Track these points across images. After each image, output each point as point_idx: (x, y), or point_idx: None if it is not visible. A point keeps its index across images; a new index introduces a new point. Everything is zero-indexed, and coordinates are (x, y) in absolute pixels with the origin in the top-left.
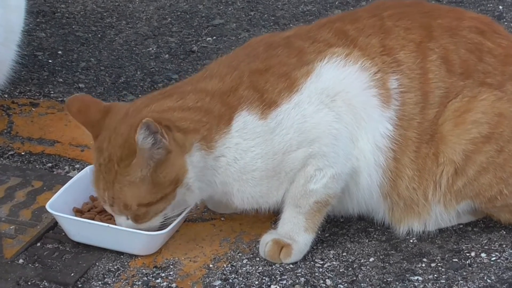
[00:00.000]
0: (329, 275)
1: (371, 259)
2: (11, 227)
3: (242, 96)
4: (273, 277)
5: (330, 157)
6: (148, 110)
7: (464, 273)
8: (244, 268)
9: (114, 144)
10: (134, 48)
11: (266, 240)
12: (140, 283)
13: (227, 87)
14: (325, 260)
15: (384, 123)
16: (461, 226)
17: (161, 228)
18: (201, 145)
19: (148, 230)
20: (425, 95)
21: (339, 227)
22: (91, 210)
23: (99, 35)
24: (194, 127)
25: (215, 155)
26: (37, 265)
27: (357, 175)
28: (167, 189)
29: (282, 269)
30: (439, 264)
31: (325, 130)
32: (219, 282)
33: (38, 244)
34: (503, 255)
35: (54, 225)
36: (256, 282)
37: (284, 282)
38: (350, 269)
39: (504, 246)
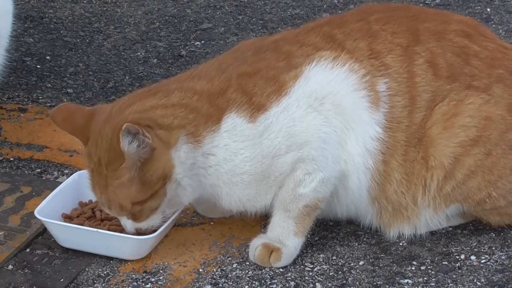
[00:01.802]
0: (319, 278)
1: (361, 263)
2: (0, 233)
3: (230, 98)
4: (263, 281)
5: (319, 161)
6: (130, 111)
7: (454, 276)
8: (234, 273)
9: (101, 148)
10: (122, 53)
11: (256, 244)
12: None
13: (215, 89)
14: (315, 263)
15: (374, 125)
16: (451, 228)
17: (150, 232)
18: (188, 138)
19: (149, 229)
20: (412, 99)
21: (328, 231)
22: (80, 216)
23: (87, 40)
24: (178, 123)
25: (203, 151)
26: (26, 271)
27: (346, 179)
28: (156, 186)
29: (272, 273)
30: (429, 267)
31: (314, 134)
32: (209, 286)
33: (27, 250)
34: (493, 257)
35: (43, 231)
36: (246, 287)
37: (274, 286)
38: (340, 272)
39: (493, 248)
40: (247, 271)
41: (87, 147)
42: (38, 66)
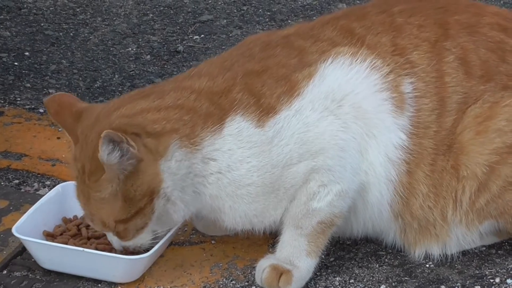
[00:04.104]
0: None
1: (382, 287)
2: None
3: (235, 99)
4: None
5: (336, 172)
6: (117, 115)
7: None
8: None
9: (85, 155)
10: (111, 48)
11: (263, 266)
12: None
13: (218, 87)
14: None
15: (397, 131)
16: (484, 248)
17: (144, 251)
18: (182, 142)
19: (138, 248)
20: (441, 101)
21: (345, 251)
22: (63, 233)
23: (71, 34)
24: (171, 127)
25: (203, 155)
26: None
27: (365, 192)
28: (141, 203)
29: None
30: None
31: (330, 141)
32: None
33: (5, 271)
34: None
35: (22, 250)
36: None
37: None
38: None
39: None
40: None
41: (74, 149)
42: (16, 63)
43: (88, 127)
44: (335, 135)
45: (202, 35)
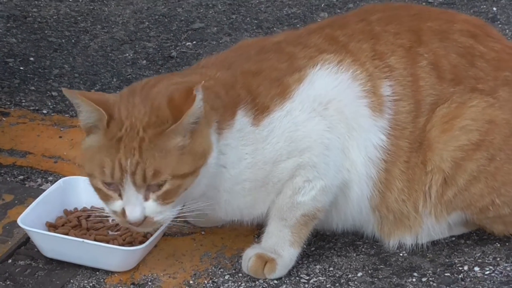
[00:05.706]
0: None
1: (359, 274)
2: None
3: (239, 94)
4: None
5: (320, 168)
6: (173, 82)
7: None
8: (226, 285)
9: (138, 114)
10: (109, 54)
11: (249, 255)
12: None
13: (226, 80)
14: (311, 275)
15: (377, 133)
16: (454, 238)
17: (138, 243)
18: (216, 128)
19: (156, 225)
20: (417, 104)
21: (325, 241)
22: (65, 224)
23: (73, 41)
24: (212, 105)
25: (220, 148)
26: (8, 282)
27: (347, 188)
28: (199, 162)
29: (266, 285)
30: (430, 279)
31: (316, 140)
32: None
33: (10, 260)
34: (497, 268)
35: (26, 240)
36: None
37: None
38: (337, 284)
39: (498, 259)
40: (239, 283)
41: (109, 128)
42: (21, 68)
43: (134, 97)
44: (321, 134)
45: (194, 42)
